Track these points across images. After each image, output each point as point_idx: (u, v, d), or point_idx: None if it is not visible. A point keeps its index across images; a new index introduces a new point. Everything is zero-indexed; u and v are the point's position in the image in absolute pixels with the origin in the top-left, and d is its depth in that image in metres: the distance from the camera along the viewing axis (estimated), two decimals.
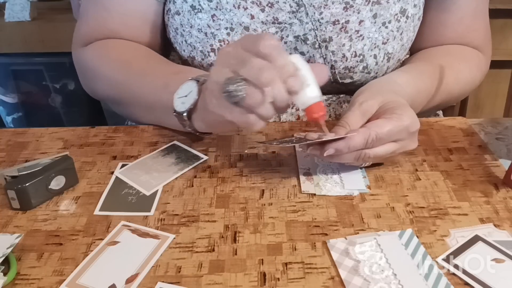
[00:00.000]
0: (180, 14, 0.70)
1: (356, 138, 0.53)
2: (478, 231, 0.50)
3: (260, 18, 0.67)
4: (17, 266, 0.46)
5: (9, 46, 1.54)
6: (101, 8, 0.73)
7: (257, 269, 0.46)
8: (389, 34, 0.69)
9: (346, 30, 0.67)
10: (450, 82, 0.71)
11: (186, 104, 0.56)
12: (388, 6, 0.68)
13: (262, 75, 0.47)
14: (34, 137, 0.67)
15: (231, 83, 0.48)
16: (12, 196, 0.53)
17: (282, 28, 0.67)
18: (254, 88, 0.48)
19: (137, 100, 0.68)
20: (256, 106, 0.48)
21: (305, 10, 0.66)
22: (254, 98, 0.48)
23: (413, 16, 0.71)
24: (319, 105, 0.51)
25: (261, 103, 0.48)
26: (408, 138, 0.56)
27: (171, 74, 0.62)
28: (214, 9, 0.67)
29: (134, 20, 0.73)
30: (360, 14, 0.67)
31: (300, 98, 0.51)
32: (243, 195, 0.55)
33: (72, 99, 1.62)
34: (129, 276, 0.45)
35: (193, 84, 0.56)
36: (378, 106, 0.57)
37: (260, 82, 0.47)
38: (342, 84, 0.73)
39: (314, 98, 0.51)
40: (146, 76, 0.66)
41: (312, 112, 0.51)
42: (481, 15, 0.77)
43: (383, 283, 0.44)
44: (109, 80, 0.70)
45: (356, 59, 0.69)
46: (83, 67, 0.75)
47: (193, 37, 0.70)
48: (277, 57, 0.48)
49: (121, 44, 0.73)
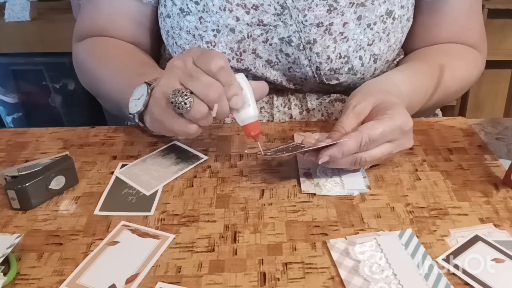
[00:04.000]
0: (170, 17, 0.72)
1: (348, 143, 0.53)
2: (478, 231, 0.50)
3: (245, 20, 0.67)
4: (17, 266, 0.46)
5: (9, 46, 1.55)
6: (93, 6, 0.77)
7: (257, 269, 0.46)
8: (374, 35, 0.69)
9: (330, 32, 0.68)
10: (447, 79, 0.71)
11: (138, 106, 0.59)
12: (373, 7, 0.68)
13: (210, 92, 0.52)
14: (34, 137, 0.67)
15: (178, 95, 0.52)
16: (12, 196, 0.53)
17: (267, 30, 0.68)
18: (200, 102, 0.52)
19: (108, 97, 0.72)
20: (199, 118, 0.53)
21: (289, 13, 0.66)
22: (199, 111, 0.53)
23: (400, 17, 0.71)
24: (256, 125, 0.57)
25: (204, 116, 0.53)
26: (402, 137, 0.56)
27: (136, 75, 0.64)
28: (201, 11, 0.68)
29: (120, 19, 0.76)
30: (344, 16, 0.67)
31: (240, 115, 0.56)
32: (243, 195, 0.55)
33: (72, 99, 1.62)
34: (129, 276, 0.45)
35: (145, 88, 0.58)
36: (372, 107, 0.57)
37: (208, 98, 0.52)
38: (329, 86, 0.73)
39: (252, 118, 0.56)
40: (117, 75, 0.69)
41: (249, 130, 0.57)
42: (475, 14, 0.76)
43: (383, 283, 0.44)
44: (92, 75, 0.74)
45: (341, 61, 0.70)
46: (75, 60, 0.79)
47: (182, 39, 0.71)
48: (225, 77, 0.53)
49: (107, 42, 0.76)
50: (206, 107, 0.53)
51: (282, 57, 0.70)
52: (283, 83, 0.73)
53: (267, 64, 0.71)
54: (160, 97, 0.55)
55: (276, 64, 0.71)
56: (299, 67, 0.70)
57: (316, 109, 0.75)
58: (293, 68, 0.71)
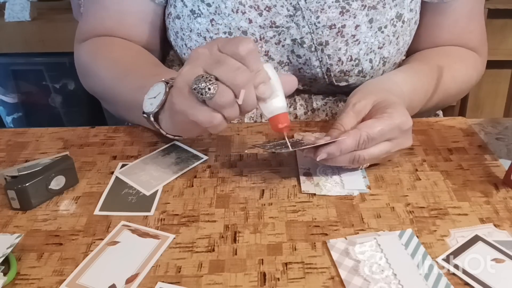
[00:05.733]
0: (180, 18, 0.71)
1: (347, 140, 0.53)
2: (478, 231, 0.50)
3: (258, 22, 0.67)
4: (17, 266, 0.46)
5: (9, 46, 1.55)
6: (100, 7, 0.74)
7: (257, 269, 0.46)
8: (385, 38, 0.70)
9: (343, 34, 0.68)
10: (447, 81, 0.71)
11: (154, 105, 0.56)
12: (384, 11, 0.68)
13: (238, 76, 0.48)
14: (34, 137, 0.67)
15: (202, 80, 0.48)
16: (12, 196, 0.53)
17: (280, 31, 0.68)
18: (226, 87, 0.48)
19: (118, 99, 0.69)
20: (224, 106, 0.48)
21: (302, 14, 0.66)
22: (224, 97, 0.48)
23: (409, 21, 0.71)
24: (285, 116, 0.52)
25: (230, 104, 0.48)
26: (401, 136, 0.56)
27: (150, 76, 0.62)
28: (213, 13, 0.67)
29: (130, 19, 0.74)
30: (356, 19, 0.67)
31: (268, 106, 0.52)
32: (243, 195, 0.55)
33: (72, 99, 1.62)
34: (129, 276, 0.45)
35: (162, 86, 0.56)
36: (371, 106, 0.57)
37: (234, 83, 0.48)
38: (337, 87, 0.73)
39: (281, 109, 0.52)
40: (127, 76, 0.67)
41: (277, 122, 0.52)
42: (476, 17, 0.77)
43: (383, 283, 0.44)
44: (97, 77, 0.72)
45: (351, 63, 0.70)
46: (78, 63, 0.77)
47: (192, 41, 0.71)
48: (253, 62, 0.49)
49: (114, 42, 0.74)
50: (232, 93, 0.48)
51: (293, 58, 0.70)
52: None
53: (278, 66, 0.71)
54: (183, 86, 0.50)
55: (287, 64, 0.71)
56: (309, 68, 0.70)
57: (321, 109, 0.75)
58: (303, 69, 0.71)
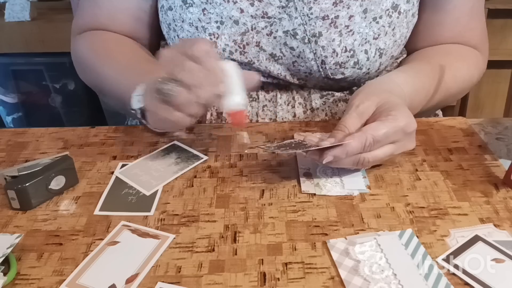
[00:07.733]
0: (173, 9, 0.71)
1: (353, 143, 0.53)
2: (478, 231, 0.50)
3: (249, 12, 0.67)
4: (17, 266, 0.46)
5: (9, 46, 1.55)
6: (92, 3, 0.77)
7: (257, 269, 0.46)
8: (380, 29, 0.69)
9: (336, 25, 0.67)
10: (448, 80, 0.71)
11: (141, 102, 0.59)
12: (379, 1, 0.68)
13: (191, 77, 0.52)
14: (34, 137, 0.67)
15: (163, 82, 0.52)
16: (12, 196, 0.53)
17: (272, 22, 0.68)
18: (183, 88, 0.52)
19: (113, 94, 0.71)
20: (184, 104, 0.52)
21: (294, 5, 0.66)
22: (181, 98, 0.52)
23: (406, 12, 0.71)
24: (241, 113, 0.55)
25: (188, 102, 0.52)
26: (405, 139, 0.56)
27: (145, 72, 0.64)
28: (205, 3, 0.68)
29: (121, 15, 0.76)
30: (350, 9, 0.67)
31: (226, 103, 0.54)
32: (243, 195, 0.55)
33: (72, 99, 1.62)
34: (129, 276, 0.45)
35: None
36: (375, 107, 0.57)
37: (189, 83, 0.52)
38: (333, 80, 0.73)
39: (238, 106, 0.54)
40: (123, 72, 0.69)
41: (234, 118, 0.55)
42: (477, 14, 0.77)
43: (383, 283, 0.44)
44: (95, 72, 0.74)
45: (346, 54, 0.69)
46: (75, 55, 0.79)
47: (184, 31, 0.71)
48: (207, 61, 0.52)
49: (108, 37, 0.76)
50: (190, 93, 0.52)
51: (287, 51, 0.70)
52: (287, 77, 0.73)
53: (271, 58, 0.71)
54: (151, 88, 0.55)
55: (280, 58, 0.71)
56: (304, 61, 0.70)
57: (320, 108, 0.75)
58: (297, 62, 0.71)
